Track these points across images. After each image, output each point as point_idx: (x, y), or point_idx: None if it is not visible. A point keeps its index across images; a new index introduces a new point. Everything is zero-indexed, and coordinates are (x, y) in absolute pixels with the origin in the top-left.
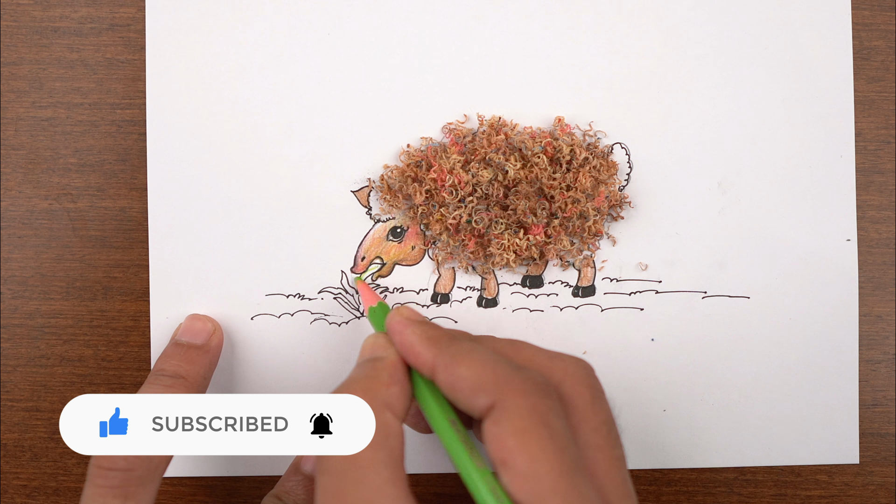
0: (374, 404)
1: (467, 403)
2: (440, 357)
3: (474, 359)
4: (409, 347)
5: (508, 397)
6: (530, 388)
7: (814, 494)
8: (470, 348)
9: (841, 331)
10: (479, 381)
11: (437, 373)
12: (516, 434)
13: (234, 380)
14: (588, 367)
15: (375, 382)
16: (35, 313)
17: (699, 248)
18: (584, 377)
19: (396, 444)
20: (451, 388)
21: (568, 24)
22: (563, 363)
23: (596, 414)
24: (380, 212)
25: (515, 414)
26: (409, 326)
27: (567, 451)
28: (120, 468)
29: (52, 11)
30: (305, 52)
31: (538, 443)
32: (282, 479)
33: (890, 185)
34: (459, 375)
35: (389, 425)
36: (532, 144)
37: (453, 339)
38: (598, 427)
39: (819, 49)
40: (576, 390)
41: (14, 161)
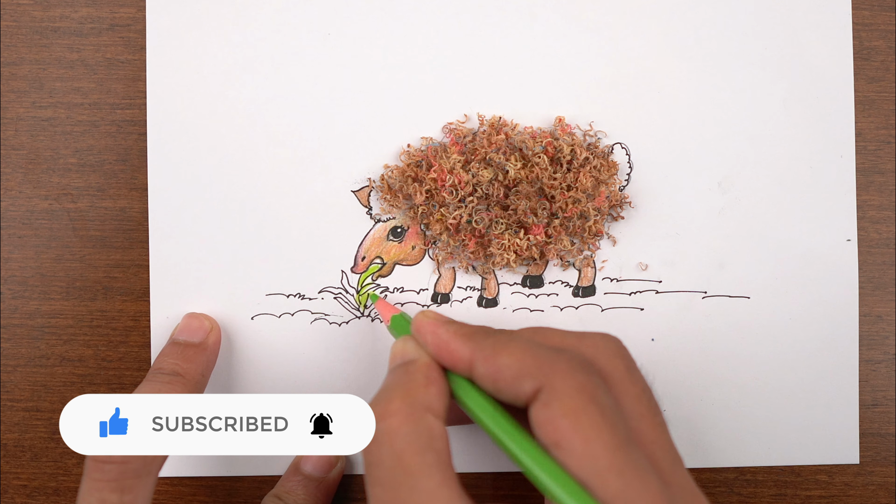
0: (416, 408)
1: (511, 392)
2: (478, 351)
3: (514, 347)
4: (444, 346)
5: (555, 379)
6: (575, 366)
7: (814, 494)
8: (507, 339)
9: (841, 331)
10: (523, 367)
11: (477, 366)
12: (568, 415)
13: (234, 379)
14: (617, 340)
15: (412, 386)
16: (35, 313)
17: (699, 249)
18: (616, 350)
19: (443, 446)
20: (493, 380)
21: (568, 24)
22: (592, 340)
23: (634, 384)
24: (380, 212)
25: (564, 394)
26: (440, 326)
27: (618, 426)
28: (116, 461)
29: (52, 11)
30: (306, 52)
31: (590, 421)
32: (282, 479)
33: (890, 185)
34: (501, 365)
35: (433, 427)
36: (532, 144)
37: (487, 332)
38: (638, 396)
39: (819, 49)
40: (611, 363)
41: (14, 161)
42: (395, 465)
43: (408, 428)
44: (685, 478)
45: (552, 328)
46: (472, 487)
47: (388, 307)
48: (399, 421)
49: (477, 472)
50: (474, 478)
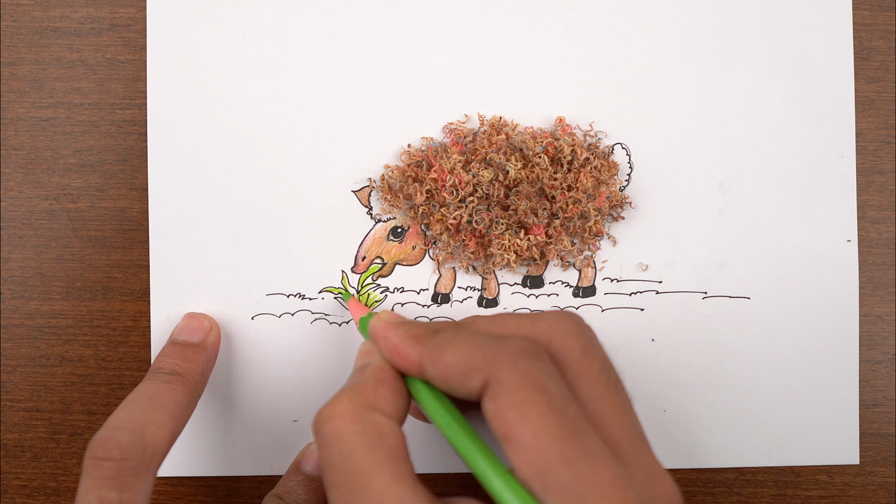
0: (361, 408)
1: (462, 389)
2: (425, 352)
3: (458, 343)
4: (393, 350)
5: (500, 371)
6: (518, 355)
7: (814, 494)
8: (452, 335)
9: (841, 331)
10: (468, 362)
11: (426, 368)
12: (514, 407)
13: (234, 379)
14: (574, 318)
15: (362, 387)
16: (35, 313)
17: (699, 249)
18: (571, 329)
19: (394, 443)
20: (442, 379)
21: (569, 24)
22: (546, 322)
23: (591, 364)
24: (380, 212)
25: (510, 386)
26: (390, 329)
27: (567, 413)
28: (115, 458)
29: (52, 11)
30: (306, 52)
31: (537, 412)
32: (283, 479)
33: (890, 185)
34: (447, 363)
35: (381, 426)
36: (533, 144)
37: (435, 331)
38: (595, 377)
39: (820, 49)
40: (565, 344)
41: (14, 161)
42: (345, 466)
43: (354, 427)
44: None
45: (511, 314)
46: (443, 486)
47: (359, 308)
48: (345, 421)
49: (447, 472)
50: (449, 478)
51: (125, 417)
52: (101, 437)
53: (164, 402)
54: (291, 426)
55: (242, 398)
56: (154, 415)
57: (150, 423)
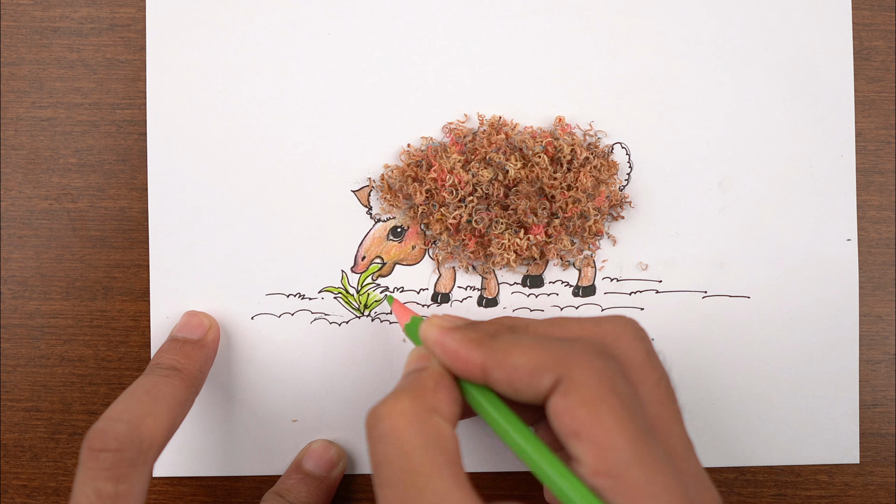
0: (423, 409)
1: (529, 390)
2: (489, 356)
3: (525, 345)
4: (453, 355)
5: (572, 369)
6: (591, 354)
7: (814, 494)
8: (515, 338)
9: (841, 331)
10: (537, 363)
11: (491, 371)
12: (587, 404)
13: (234, 379)
14: (634, 323)
15: (421, 390)
16: (35, 313)
17: (699, 248)
18: (634, 332)
19: (452, 448)
20: (508, 382)
21: (568, 24)
22: (611, 324)
23: (654, 369)
24: (380, 211)
25: (583, 384)
26: (447, 334)
27: (637, 415)
28: (111, 449)
29: (52, 11)
30: (305, 52)
31: (610, 411)
32: (283, 477)
33: (890, 185)
34: (515, 365)
35: (442, 429)
36: (533, 144)
37: (494, 335)
38: (657, 382)
39: (819, 49)
40: (630, 346)
41: (14, 161)
42: (404, 466)
43: (416, 428)
44: (697, 466)
45: (567, 317)
46: None
47: (404, 311)
48: (407, 420)
49: (478, 471)
50: (474, 477)
51: (122, 409)
52: (98, 428)
53: (161, 396)
54: (291, 426)
55: (242, 398)
56: (151, 407)
57: (147, 416)
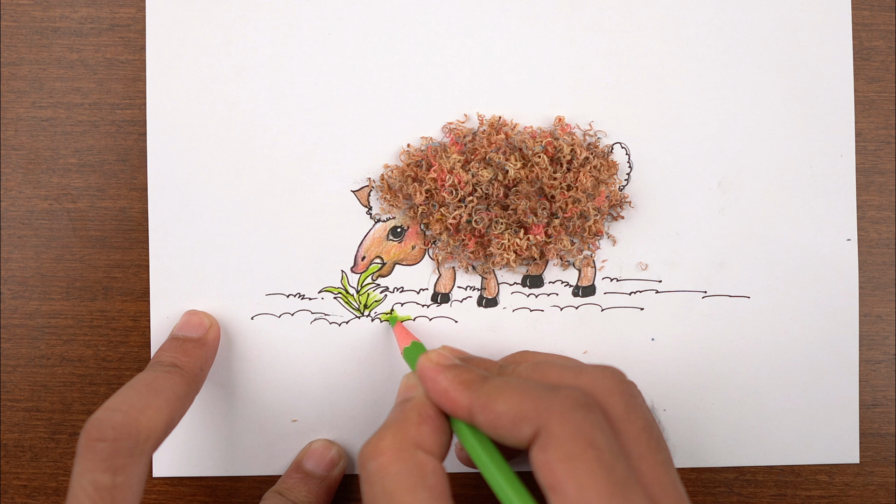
0: (405, 446)
1: (512, 438)
2: (476, 399)
3: (510, 392)
4: (443, 394)
5: (551, 421)
6: (571, 406)
7: (814, 494)
8: (502, 383)
9: (841, 331)
10: (519, 412)
11: (476, 415)
12: (563, 460)
13: (234, 379)
14: (616, 375)
15: (404, 424)
16: (35, 313)
17: (699, 248)
18: (614, 386)
19: (436, 482)
20: (492, 426)
21: (568, 24)
22: (590, 376)
23: (633, 422)
24: (380, 211)
25: (560, 438)
26: (440, 373)
27: (615, 469)
28: (108, 439)
29: (52, 11)
30: (305, 52)
31: (585, 467)
32: (283, 476)
33: (890, 185)
34: (498, 412)
35: (424, 464)
36: (532, 144)
37: (484, 378)
38: (637, 435)
39: (819, 49)
40: (609, 401)
41: (14, 161)
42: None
43: (398, 466)
44: None
45: (553, 362)
46: (473, 487)
47: (405, 334)
48: (389, 459)
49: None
50: (460, 477)
51: (121, 401)
52: (96, 417)
53: (161, 390)
54: (291, 426)
55: (242, 398)
56: (150, 399)
57: (145, 407)
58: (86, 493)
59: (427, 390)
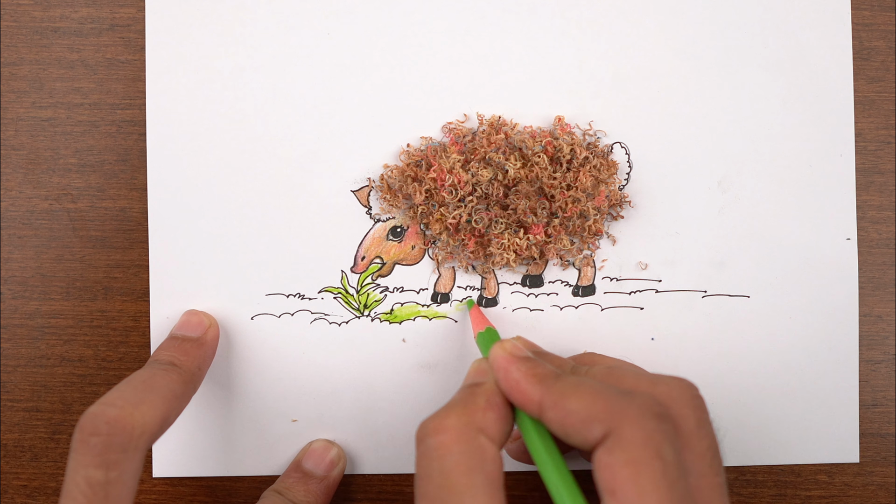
0: (469, 428)
1: (579, 437)
2: (548, 395)
3: (584, 391)
4: (514, 385)
5: (624, 425)
6: (645, 414)
7: (814, 494)
8: (577, 382)
9: (841, 331)
10: (591, 412)
11: (546, 410)
12: (629, 465)
13: (234, 379)
14: (692, 389)
15: (471, 407)
16: (35, 313)
17: (699, 248)
18: (690, 399)
19: (493, 469)
20: (561, 424)
21: (568, 24)
22: (667, 387)
23: (701, 439)
24: (380, 211)
25: (630, 443)
26: (513, 363)
27: (677, 485)
28: (102, 434)
29: (52, 11)
30: (305, 52)
31: (650, 476)
32: (283, 476)
33: (890, 186)
34: (570, 410)
35: (485, 449)
36: (532, 144)
37: (558, 375)
38: (703, 453)
39: (819, 49)
40: (682, 413)
41: (14, 161)
42: (442, 482)
43: (459, 447)
44: None
45: (628, 369)
46: None
47: (481, 319)
48: (451, 438)
49: None
50: None
51: (117, 396)
52: (91, 412)
53: (157, 387)
54: (291, 426)
55: (242, 398)
56: (145, 396)
57: (140, 403)
58: (79, 489)
59: (498, 379)
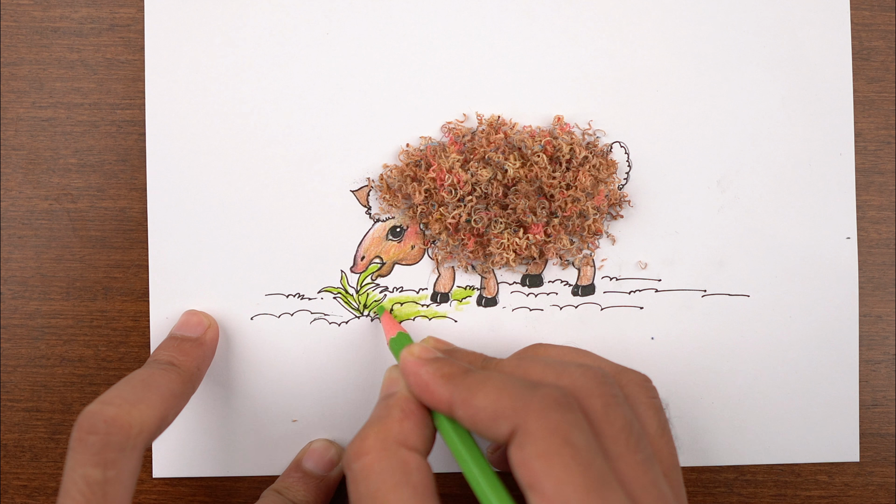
0: (388, 444)
1: (490, 433)
2: (456, 393)
3: (490, 387)
4: (424, 388)
5: (529, 420)
6: (549, 405)
7: (814, 494)
8: (484, 377)
9: (841, 331)
10: (497, 408)
11: (456, 409)
12: (540, 457)
13: (233, 379)
14: (597, 376)
15: (387, 422)
16: (35, 313)
17: (698, 247)
18: (595, 387)
19: (420, 479)
20: (472, 421)
21: (567, 23)
22: (570, 377)
23: (611, 423)
24: (379, 211)
25: (537, 436)
26: (422, 367)
27: (593, 466)
28: (100, 432)
29: (52, 11)
30: (305, 52)
31: (562, 464)
32: (283, 475)
33: (890, 186)
34: (478, 407)
35: (407, 461)
36: (531, 143)
37: (466, 372)
38: (615, 435)
39: (818, 49)
40: (587, 402)
41: (14, 161)
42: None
43: (381, 465)
44: None
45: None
46: None
47: (392, 324)
48: (373, 458)
49: None
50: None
51: (115, 395)
52: (89, 410)
53: (156, 386)
54: (291, 426)
55: (242, 398)
56: (144, 395)
57: (138, 402)
58: (77, 488)
59: (409, 384)
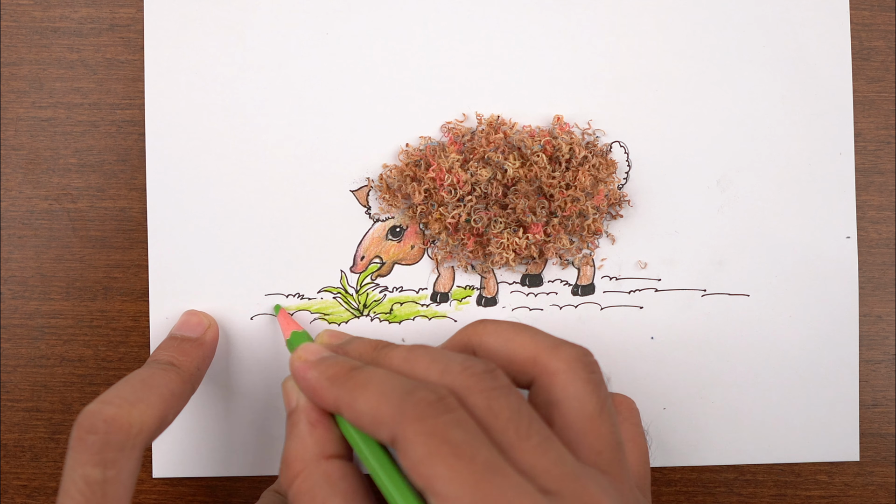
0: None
1: (376, 438)
2: (340, 395)
3: (370, 392)
4: (313, 393)
5: (406, 427)
6: (424, 411)
7: (814, 494)
8: (366, 379)
9: (841, 331)
10: (377, 414)
11: (342, 412)
12: (423, 461)
13: (233, 379)
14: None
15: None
16: (35, 313)
17: (698, 246)
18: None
19: (348, 484)
20: (357, 425)
21: (567, 23)
22: (451, 374)
23: (496, 416)
24: (379, 211)
25: (416, 442)
26: (308, 370)
27: (477, 457)
28: (100, 432)
29: (52, 11)
30: (305, 52)
31: (444, 462)
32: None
33: (890, 185)
34: (359, 412)
35: (330, 472)
36: (531, 143)
37: (350, 371)
38: (503, 427)
39: (818, 49)
40: (470, 401)
41: (14, 161)
42: None
43: (308, 484)
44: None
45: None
46: None
47: (289, 322)
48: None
49: None
50: None
51: (115, 394)
52: (88, 410)
53: (156, 386)
54: None
55: (242, 398)
56: (143, 394)
57: (138, 402)
58: (77, 488)
59: (301, 389)
